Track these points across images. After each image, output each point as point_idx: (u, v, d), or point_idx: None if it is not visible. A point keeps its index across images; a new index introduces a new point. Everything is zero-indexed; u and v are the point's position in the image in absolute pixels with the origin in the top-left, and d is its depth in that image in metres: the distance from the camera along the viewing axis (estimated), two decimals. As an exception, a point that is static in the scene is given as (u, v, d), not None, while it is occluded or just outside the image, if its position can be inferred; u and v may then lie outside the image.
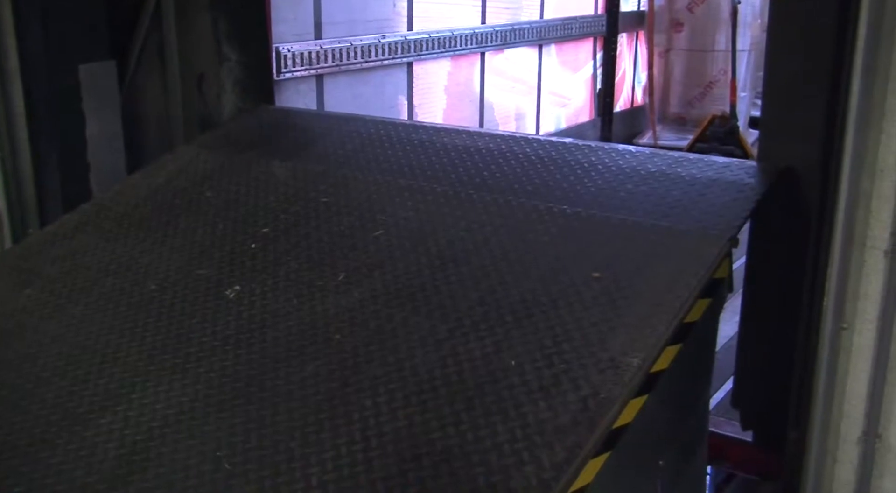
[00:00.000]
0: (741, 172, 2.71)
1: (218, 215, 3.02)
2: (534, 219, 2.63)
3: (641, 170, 2.84)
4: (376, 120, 3.71)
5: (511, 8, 6.60)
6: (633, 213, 2.58)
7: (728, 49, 7.55)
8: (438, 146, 3.25)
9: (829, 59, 2.23)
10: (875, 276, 2.13)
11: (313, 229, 2.83)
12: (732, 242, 2.40)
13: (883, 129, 2.05)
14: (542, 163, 2.99)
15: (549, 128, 7.36)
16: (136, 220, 3.11)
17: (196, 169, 3.31)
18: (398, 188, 2.97)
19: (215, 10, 4.19)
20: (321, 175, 3.18)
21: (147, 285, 2.70)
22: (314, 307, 2.44)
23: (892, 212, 2.08)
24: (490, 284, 2.37)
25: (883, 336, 2.16)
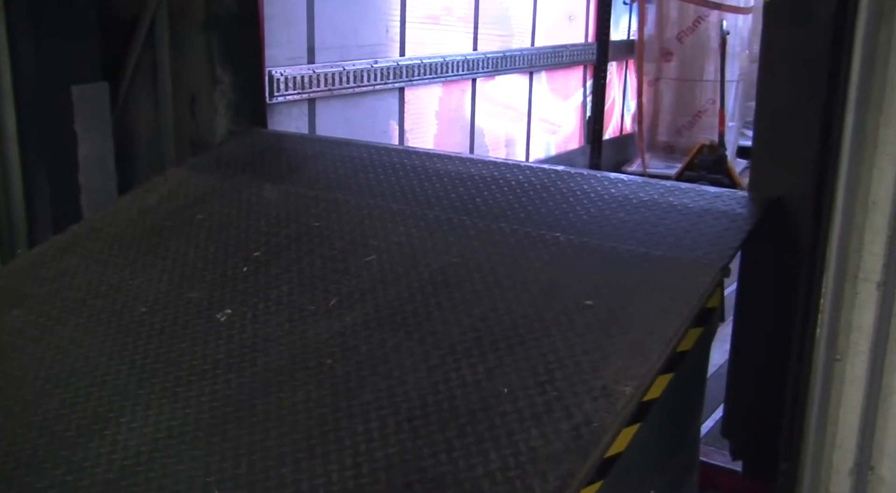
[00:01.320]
0: (732, 203, 2.73)
1: (209, 238, 3.01)
2: (526, 246, 2.63)
3: (633, 198, 2.85)
4: (368, 144, 3.71)
5: (502, 35, 6.64)
6: (626, 241, 2.59)
7: (717, 79, 7.61)
8: (430, 172, 3.26)
9: (823, 91, 2.25)
10: (867, 308, 2.14)
11: (305, 253, 2.82)
12: (724, 271, 2.41)
13: (875, 162, 2.07)
14: (534, 190, 3.00)
15: (539, 154, 7.39)
16: (127, 242, 3.09)
17: (187, 192, 3.30)
18: (390, 213, 2.97)
19: (209, 31, 4.19)
20: (313, 199, 3.17)
21: (137, 307, 2.68)
22: (306, 332, 2.42)
23: (885, 244, 2.09)
24: (482, 310, 2.37)
25: (875, 368, 2.16)
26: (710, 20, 7.67)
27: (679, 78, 7.97)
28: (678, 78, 7.97)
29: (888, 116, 2.04)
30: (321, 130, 5.07)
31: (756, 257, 2.68)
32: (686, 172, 7.65)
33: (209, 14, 4.18)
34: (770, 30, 2.86)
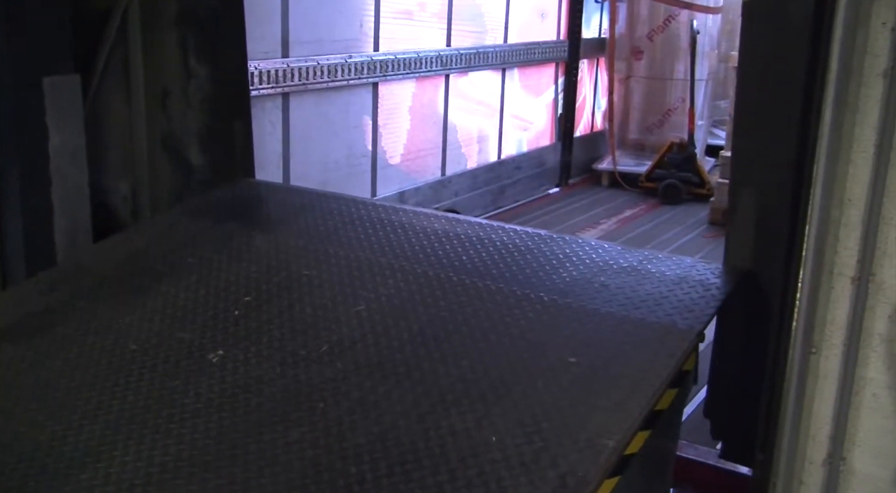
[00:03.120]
0: (707, 272, 2.93)
1: (200, 281, 3.05)
2: (511, 304, 2.75)
3: (614, 264, 3.02)
4: (356, 199, 3.83)
5: (476, 31, 6.66)
6: (607, 303, 2.74)
7: (686, 78, 7.69)
8: (418, 229, 3.37)
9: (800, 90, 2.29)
10: (842, 302, 2.18)
11: (296, 301, 2.88)
12: (699, 337, 2.57)
13: (851, 159, 2.11)
14: (518, 252, 3.14)
15: (511, 151, 7.43)
16: (116, 281, 3.12)
17: (177, 235, 3.33)
18: (379, 266, 3.06)
19: (183, 25, 4.16)
20: (302, 249, 3.24)
21: (128, 345, 2.70)
22: (298, 376, 2.47)
23: (859, 240, 2.13)
24: (470, 362, 2.46)
25: (848, 361, 2.21)
26: (681, 19, 7.74)
27: (649, 76, 8.03)
28: (648, 76, 8.03)
29: (863, 115, 2.08)
30: (295, 125, 5.06)
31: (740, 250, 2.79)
32: (656, 170, 7.73)
33: (182, 7, 4.15)
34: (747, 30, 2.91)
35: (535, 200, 7.56)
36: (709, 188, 7.38)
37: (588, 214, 7.13)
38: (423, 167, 6.37)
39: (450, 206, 6.20)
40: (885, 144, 2.07)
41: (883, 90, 2.05)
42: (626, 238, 6.48)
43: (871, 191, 2.09)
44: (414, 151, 6.22)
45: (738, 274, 2.87)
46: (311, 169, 5.27)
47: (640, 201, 7.59)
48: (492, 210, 7.04)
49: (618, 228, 6.79)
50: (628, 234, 6.60)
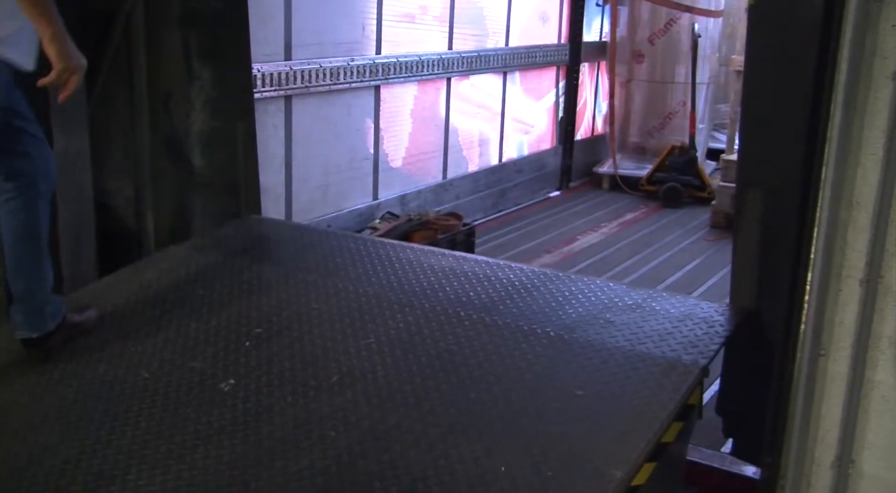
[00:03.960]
0: (711, 310, 3.02)
1: (211, 313, 3.12)
2: (519, 338, 2.84)
3: (619, 301, 3.12)
4: (364, 238, 3.95)
5: (477, 35, 6.67)
6: (613, 338, 2.83)
7: (687, 81, 7.69)
8: (425, 266, 3.48)
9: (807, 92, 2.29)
10: (850, 304, 2.18)
11: (306, 333, 2.96)
12: (704, 372, 2.63)
13: (860, 162, 2.11)
14: (525, 289, 3.24)
15: (512, 154, 7.43)
16: (128, 311, 3.19)
17: (188, 269, 3.40)
18: (388, 301, 3.15)
19: (186, 27, 4.16)
20: (312, 284, 3.33)
21: (140, 373, 2.75)
22: (308, 405, 2.53)
23: (868, 242, 2.13)
24: (479, 393, 2.53)
25: (857, 364, 2.21)
26: (682, 23, 7.74)
27: (650, 80, 8.03)
28: (649, 80, 8.03)
29: (872, 119, 2.08)
30: (297, 128, 5.06)
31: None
32: (657, 173, 7.74)
33: (186, 9, 4.15)
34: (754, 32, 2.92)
35: (536, 203, 7.56)
36: (710, 192, 7.39)
37: (589, 218, 7.13)
38: (425, 170, 6.37)
39: (451, 209, 6.19)
40: (893, 147, 2.07)
41: (892, 92, 2.05)
42: (627, 242, 6.48)
43: (880, 193, 2.10)
44: (415, 154, 6.22)
45: (741, 313, 2.96)
46: (313, 172, 5.27)
47: (641, 205, 7.60)
48: (493, 213, 7.04)
49: (619, 231, 6.79)
50: (629, 237, 6.60)
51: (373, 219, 5.58)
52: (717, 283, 5.46)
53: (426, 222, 5.43)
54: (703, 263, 5.97)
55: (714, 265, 5.84)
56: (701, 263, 5.97)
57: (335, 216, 5.37)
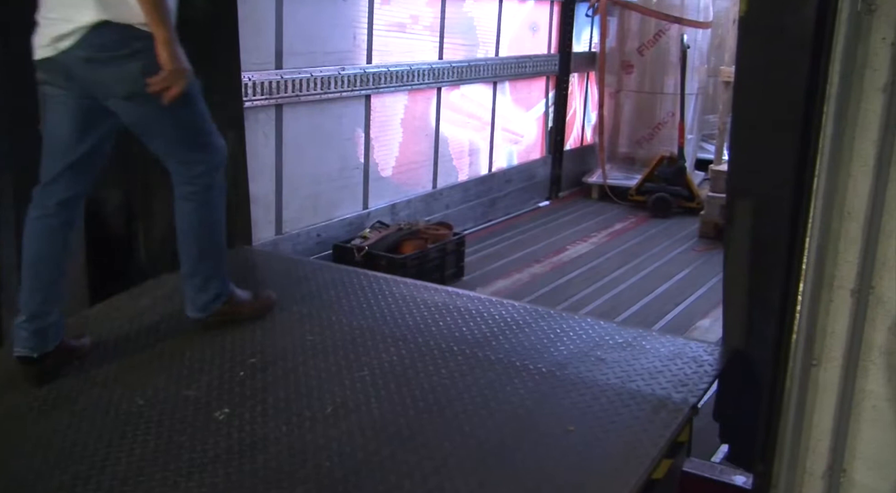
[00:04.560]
0: (700, 350, 3.07)
1: (205, 342, 3.14)
2: (511, 374, 2.89)
3: (609, 339, 3.18)
4: (358, 271, 3.98)
5: (468, 45, 6.69)
6: (604, 376, 2.88)
7: (676, 92, 7.73)
8: (418, 301, 3.54)
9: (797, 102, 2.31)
10: (842, 314, 2.20)
11: (300, 364, 2.98)
12: (693, 410, 2.67)
13: (851, 173, 2.13)
14: (517, 325, 3.30)
15: (502, 164, 7.45)
16: (123, 338, 3.21)
17: (181, 297, 3.36)
18: (381, 334, 3.20)
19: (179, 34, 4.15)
20: (306, 316, 3.37)
21: (134, 399, 2.76)
22: (303, 435, 2.55)
23: (859, 253, 2.15)
24: (472, 427, 2.57)
25: (848, 373, 2.22)
26: (671, 34, 7.78)
27: (639, 90, 8.06)
28: (638, 90, 8.06)
29: (863, 130, 2.10)
30: (288, 136, 5.05)
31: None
32: (646, 183, 7.77)
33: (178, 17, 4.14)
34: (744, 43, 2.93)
35: (526, 213, 7.57)
36: (699, 202, 7.42)
37: (578, 228, 7.15)
38: (415, 180, 6.37)
39: (441, 218, 6.20)
40: (884, 158, 2.09)
41: (882, 104, 2.07)
42: (616, 252, 6.50)
43: (871, 204, 2.12)
44: (406, 164, 6.23)
45: (730, 353, 3.00)
46: (303, 181, 5.27)
47: (630, 215, 7.62)
48: (482, 223, 7.05)
49: (608, 241, 6.81)
50: (619, 247, 6.62)
51: (363, 228, 5.58)
52: (707, 293, 5.48)
53: (416, 232, 5.43)
54: (693, 273, 6.00)
55: (703, 275, 5.86)
56: (690, 273, 6.00)
57: (325, 225, 5.37)
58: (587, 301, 5.30)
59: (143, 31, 2.86)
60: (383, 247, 5.20)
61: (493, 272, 5.82)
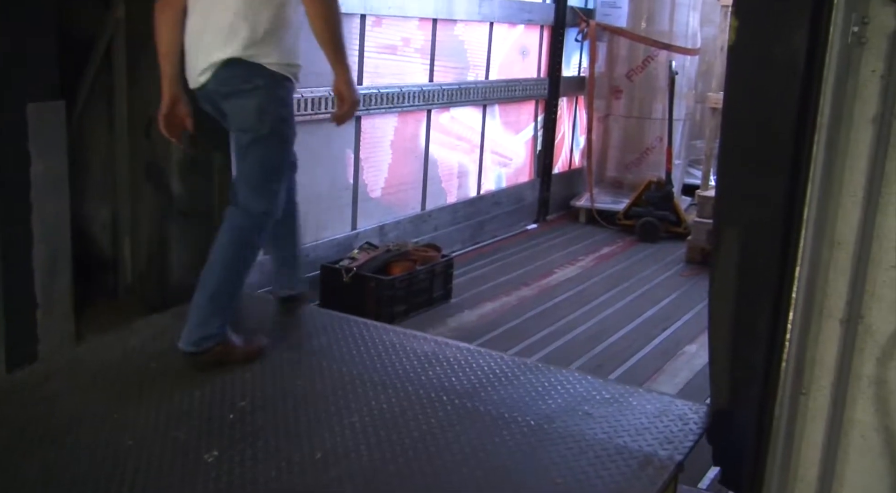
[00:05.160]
0: (685, 408, 3.13)
1: (194, 384, 3.15)
2: (500, 425, 2.94)
3: (596, 394, 3.23)
4: (348, 318, 3.98)
5: (458, 68, 6.71)
6: (591, 430, 2.94)
7: (664, 117, 7.77)
8: (408, 350, 3.58)
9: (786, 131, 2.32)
10: (830, 343, 2.21)
11: (290, 410, 3.00)
12: (679, 467, 2.72)
13: (840, 203, 2.15)
14: (505, 377, 3.35)
15: (490, 187, 7.46)
16: (111, 377, 3.22)
17: (172, 337, 3.39)
18: (371, 382, 3.24)
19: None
20: (296, 362, 3.40)
21: (123, 440, 2.75)
22: (292, 480, 2.56)
23: (849, 282, 2.16)
24: (461, 477, 2.60)
25: (837, 403, 2.23)
26: (659, 60, 7.84)
27: (628, 115, 8.10)
28: (627, 115, 8.10)
29: (853, 161, 2.12)
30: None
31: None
32: (633, 207, 7.79)
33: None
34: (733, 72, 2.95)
35: (514, 235, 7.57)
36: (686, 227, 7.44)
37: (566, 251, 7.16)
38: (404, 201, 6.37)
39: (429, 240, 6.19)
40: (874, 189, 2.11)
41: (872, 135, 2.09)
42: (604, 275, 6.51)
43: (860, 234, 2.13)
44: (395, 185, 6.23)
45: (714, 413, 3.02)
46: (292, 200, 5.25)
47: (618, 239, 7.64)
48: (470, 245, 7.05)
49: (595, 265, 6.82)
50: (606, 271, 6.63)
51: (351, 249, 5.57)
52: (693, 318, 5.49)
53: (405, 253, 5.42)
54: (680, 297, 6.01)
55: (690, 300, 5.87)
56: (677, 297, 6.01)
57: (313, 246, 5.35)
58: (575, 325, 5.30)
59: (267, 70, 3.22)
60: (372, 268, 5.19)
61: (482, 295, 5.81)
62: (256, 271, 5.05)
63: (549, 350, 4.83)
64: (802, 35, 2.24)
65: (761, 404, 2.35)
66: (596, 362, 4.68)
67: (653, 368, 4.67)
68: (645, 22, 7.86)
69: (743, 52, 2.85)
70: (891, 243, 2.14)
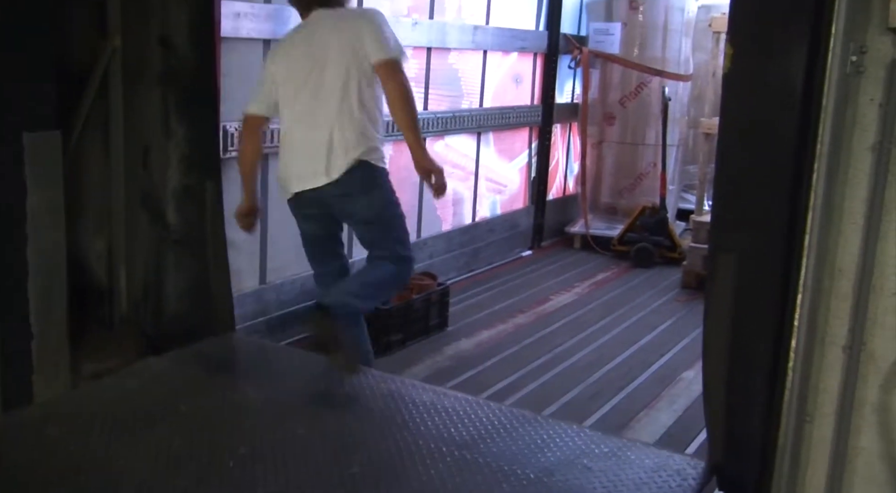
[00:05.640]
0: (683, 463, 3.14)
1: (193, 429, 3.15)
2: (500, 478, 2.94)
3: (595, 448, 3.24)
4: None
5: (452, 96, 6.74)
6: (591, 484, 2.94)
7: (657, 143, 7.81)
8: (406, 399, 3.60)
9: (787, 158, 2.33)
10: (833, 371, 2.20)
11: (290, 458, 2.98)
12: None
13: (841, 230, 2.15)
14: (504, 429, 3.37)
15: (485, 214, 7.47)
16: (110, 421, 3.19)
17: (170, 381, 3.44)
18: (370, 431, 3.26)
19: (166, 83, 4.16)
20: (297, 408, 3.42)
21: (123, 486, 2.73)
22: None
23: (851, 310, 2.16)
24: None
25: (841, 430, 2.22)
26: (652, 86, 7.89)
27: (621, 141, 8.14)
28: (620, 141, 8.14)
29: (853, 188, 2.13)
30: (273, 186, 5.04)
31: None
32: (628, 233, 7.81)
33: (164, 67, 4.16)
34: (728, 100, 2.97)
35: (509, 262, 7.57)
36: (680, 252, 7.45)
37: (561, 278, 7.16)
38: (399, 228, 6.36)
39: (425, 268, 6.18)
40: (874, 216, 2.12)
41: (871, 163, 2.10)
42: (599, 302, 6.50)
43: (862, 261, 2.14)
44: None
45: (711, 471, 3.01)
46: (287, 231, 5.22)
47: (613, 265, 7.64)
48: (465, 273, 7.04)
49: (591, 291, 6.82)
50: (602, 297, 6.63)
51: (347, 277, 5.54)
52: (690, 344, 5.48)
53: (401, 281, 5.40)
54: (675, 323, 6.00)
55: (686, 326, 5.87)
56: (673, 323, 6.00)
57: (309, 275, 5.30)
58: (572, 352, 5.28)
59: (379, 167, 3.78)
60: (369, 297, 5.17)
61: (478, 323, 5.79)
62: (253, 300, 5.04)
63: (547, 378, 4.81)
64: (799, 63, 2.25)
65: (765, 432, 2.34)
66: (594, 390, 4.66)
67: (651, 395, 4.66)
68: (637, 48, 7.91)
69: (738, 79, 2.87)
70: (892, 270, 2.14)
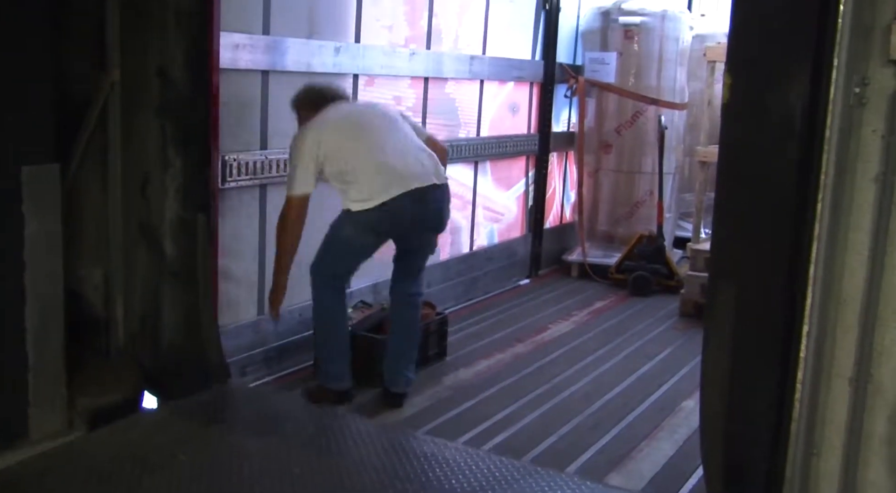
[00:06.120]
0: None
1: (192, 478, 3.17)
2: None
3: None
4: (346, 416, 4.10)
5: (450, 125, 6.76)
6: None
7: (654, 171, 7.83)
8: (407, 449, 3.63)
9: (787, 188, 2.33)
10: (840, 403, 2.19)
11: None
12: None
13: (846, 261, 2.14)
14: (505, 481, 3.43)
15: (483, 242, 7.46)
16: (108, 471, 3.22)
17: (170, 430, 3.46)
18: (370, 480, 3.28)
19: (164, 114, 4.17)
20: (295, 455, 3.44)
21: None
22: None
23: (856, 341, 2.15)
24: None
25: (849, 464, 2.20)
26: (648, 115, 7.92)
27: (618, 169, 8.15)
28: (617, 169, 8.15)
29: (857, 220, 2.13)
30: (271, 216, 5.03)
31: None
32: (625, 261, 7.80)
33: (164, 98, 4.17)
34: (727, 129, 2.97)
35: (506, 291, 7.56)
36: (678, 280, 7.45)
37: (559, 306, 7.14)
38: (397, 258, 6.34)
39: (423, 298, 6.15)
40: (878, 247, 2.11)
41: (875, 195, 2.10)
42: (598, 330, 6.48)
43: (867, 292, 2.13)
44: (388, 244, 6.20)
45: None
46: (285, 259, 5.22)
47: (610, 293, 7.63)
48: (463, 301, 7.02)
49: (589, 320, 6.79)
50: (600, 326, 6.61)
51: (345, 307, 5.52)
52: (689, 373, 5.45)
53: (399, 311, 5.37)
54: (674, 352, 5.98)
55: (685, 355, 5.84)
56: (672, 352, 5.98)
57: (307, 305, 5.30)
58: (570, 382, 5.25)
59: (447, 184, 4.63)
60: (366, 327, 5.15)
61: (476, 352, 5.76)
62: (250, 331, 5.01)
63: (545, 409, 4.77)
64: (799, 93, 2.26)
65: (770, 465, 2.31)
66: (593, 421, 4.63)
67: (651, 424, 4.62)
68: (633, 78, 7.95)
69: (737, 109, 2.88)
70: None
